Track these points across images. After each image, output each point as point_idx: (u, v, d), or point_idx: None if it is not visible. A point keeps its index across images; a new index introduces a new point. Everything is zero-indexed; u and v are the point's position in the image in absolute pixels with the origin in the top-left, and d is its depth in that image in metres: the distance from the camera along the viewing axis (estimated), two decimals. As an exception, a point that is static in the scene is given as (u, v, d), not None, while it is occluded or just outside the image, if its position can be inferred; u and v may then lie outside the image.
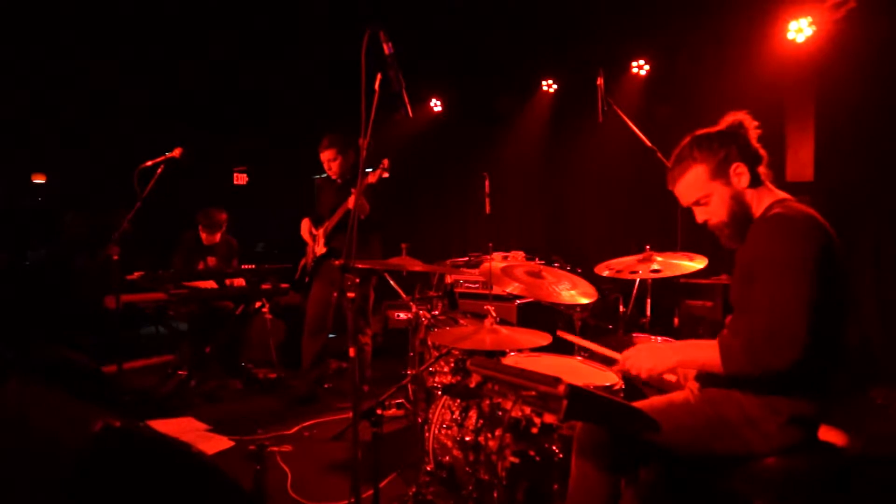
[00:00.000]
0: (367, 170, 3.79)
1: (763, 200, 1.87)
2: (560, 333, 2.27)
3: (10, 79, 6.62)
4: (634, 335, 3.20)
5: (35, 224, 8.21)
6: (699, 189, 1.90)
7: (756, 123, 1.92)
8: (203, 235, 5.13)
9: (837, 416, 1.98)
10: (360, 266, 2.30)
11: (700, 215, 1.95)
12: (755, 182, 1.88)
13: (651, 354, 1.86)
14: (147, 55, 6.54)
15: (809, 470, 1.75)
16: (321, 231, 4.35)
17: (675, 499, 1.88)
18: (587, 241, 6.34)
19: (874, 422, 3.81)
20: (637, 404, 1.83)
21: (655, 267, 3.05)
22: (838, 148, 4.73)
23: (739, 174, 1.86)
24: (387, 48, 2.18)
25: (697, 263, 3.00)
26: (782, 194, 1.90)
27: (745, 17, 5.00)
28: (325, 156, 4.25)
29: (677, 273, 3.03)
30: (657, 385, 2.22)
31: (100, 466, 0.98)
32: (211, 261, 5.14)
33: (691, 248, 3.20)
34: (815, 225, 1.72)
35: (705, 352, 1.75)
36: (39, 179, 8.66)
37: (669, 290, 4.42)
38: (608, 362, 2.31)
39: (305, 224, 4.50)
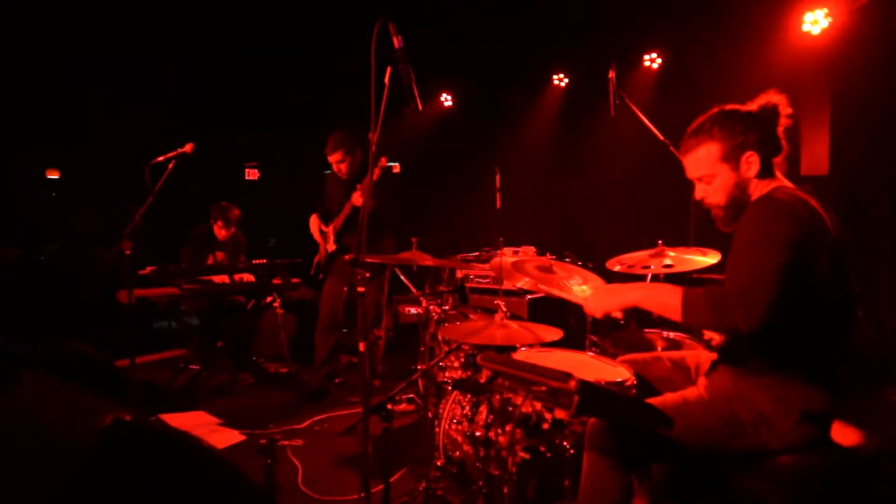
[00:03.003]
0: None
1: (765, 189, 1.84)
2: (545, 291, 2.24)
3: (24, 75, 6.67)
4: (646, 330, 3.18)
5: (49, 219, 8.29)
6: (707, 167, 1.88)
7: (790, 111, 1.87)
8: (217, 230, 5.14)
9: (852, 414, 1.95)
10: (369, 260, 2.30)
11: (699, 191, 1.94)
12: (765, 173, 1.85)
13: (608, 292, 1.86)
14: (158, 51, 6.57)
15: (824, 468, 1.73)
16: (331, 228, 4.36)
17: (687, 496, 1.86)
18: (599, 236, 6.31)
19: (890, 420, 3.77)
20: (651, 401, 1.82)
21: (668, 262, 3.03)
22: (854, 142, 4.67)
23: (750, 163, 1.83)
24: (396, 42, 2.17)
25: (710, 258, 2.98)
26: (786, 182, 1.87)
27: (759, 8, 4.94)
28: (334, 158, 4.23)
29: (690, 268, 3.01)
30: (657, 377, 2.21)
31: (110, 460, 0.98)
32: (220, 256, 5.17)
33: (704, 243, 3.17)
34: (803, 209, 1.69)
35: (668, 296, 1.72)
36: (53, 175, 8.73)
37: (682, 285, 4.39)
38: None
39: (314, 221, 4.49)
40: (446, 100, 7.35)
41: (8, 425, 1.06)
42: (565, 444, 2.26)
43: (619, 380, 2.24)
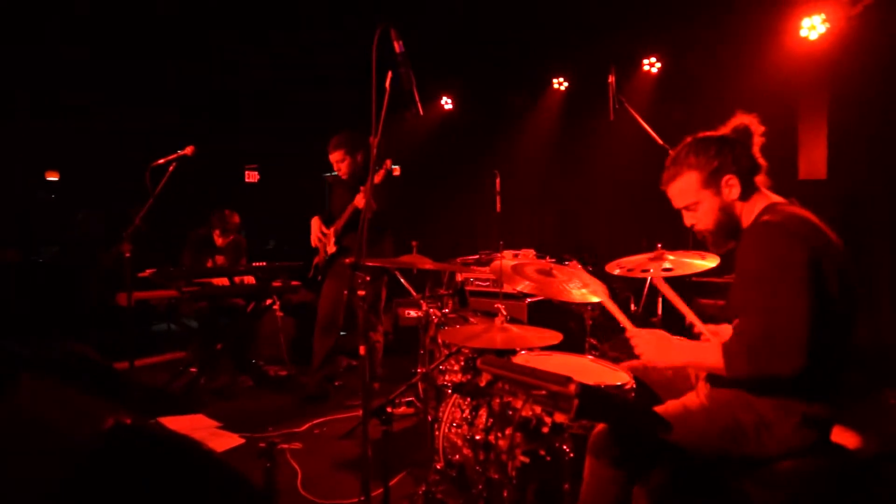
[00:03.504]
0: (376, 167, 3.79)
1: (754, 209, 1.87)
2: (605, 303, 2.26)
3: (23, 77, 6.68)
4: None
5: (48, 221, 8.30)
6: (689, 195, 1.92)
7: (762, 129, 1.91)
8: (216, 237, 5.15)
9: (852, 416, 1.96)
10: (370, 264, 2.30)
11: (688, 219, 1.98)
12: (747, 193, 1.88)
13: (660, 347, 1.87)
14: (159, 53, 6.58)
15: (824, 471, 1.73)
16: (332, 230, 4.36)
17: (688, 501, 1.86)
18: (598, 240, 6.32)
19: (890, 422, 3.77)
20: (653, 409, 1.82)
21: (667, 265, 3.03)
22: (852, 146, 4.68)
23: (731, 186, 1.86)
24: (397, 46, 2.18)
25: (709, 262, 2.98)
26: (775, 198, 1.89)
27: (757, 14, 4.95)
28: (334, 157, 4.25)
29: (689, 272, 3.01)
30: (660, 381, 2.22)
31: (110, 462, 0.98)
32: (220, 259, 5.16)
33: (703, 246, 3.17)
34: (805, 227, 1.71)
35: (711, 356, 1.74)
36: (53, 177, 8.74)
37: (681, 288, 4.39)
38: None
39: (315, 224, 4.49)
40: (447, 103, 7.36)
41: (9, 427, 1.06)
42: (565, 447, 2.26)
43: (618, 383, 2.23)
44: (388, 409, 2.15)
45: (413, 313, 5.61)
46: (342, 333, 4.51)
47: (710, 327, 2.09)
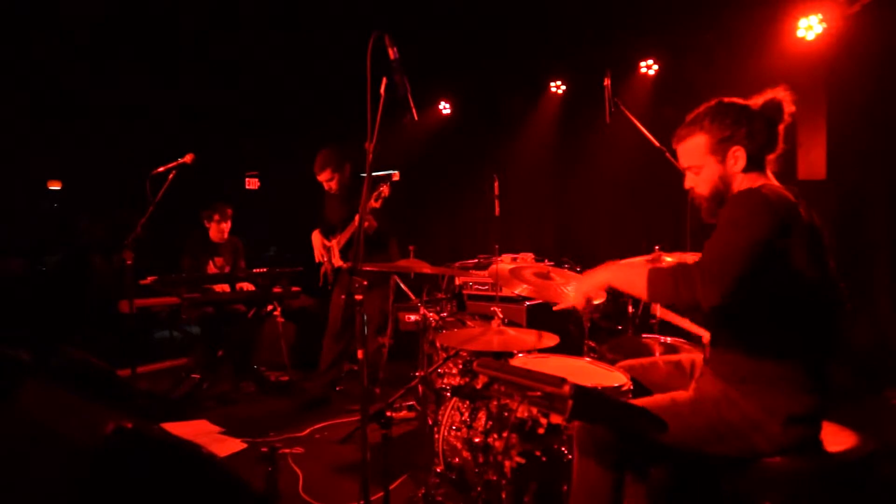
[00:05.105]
0: (378, 173, 3.82)
1: (750, 184, 1.85)
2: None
3: (24, 85, 6.72)
4: (643, 336, 3.20)
5: (51, 230, 8.33)
6: (696, 157, 1.92)
7: (791, 110, 1.89)
8: (213, 231, 5.15)
9: (849, 416, 1.97)
10: (367, 269, 2.32)
11: (688, 181, 1.99)
12: (752, 168, 1.87)
13: (583, 278, 1.95)
14: (159, 61, 6.62)
15: (816, 470, 1.74)
16: (334, 243, 4.39)
17: (681, 499, 1.88)
18: (596, 242, 6.33)
19: (889, 422, 3.78)
20: (640, 402, 1.84)
21: (665, 267, 3.04)
22: (851, 146, 4.69)
23: (736, 157, 1.86)
24: (392, 53, 2.20)
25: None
26: (773, 181, 1.89)
27: (753, 15, 4.97)
28: (323, 177, 4.29)
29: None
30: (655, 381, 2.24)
31: (112, 468, 1.00)
32: (219, 261, 5.18)
33: (700, 247, 3.19)
34: (783, 202, 1.71)
35: (635, 274, 1.78)
36: (55, 186, 8.78)
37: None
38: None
39: (317, 238, 4.50)
40: (445, 108, 7.39)
41: (13, 432, 1.08)
42: (563, 449, 2.28)
43: (615, 384, 2.25)
44: (388, 414, 2.17)
45: (413, 317, 5.62)
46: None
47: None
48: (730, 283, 1.60)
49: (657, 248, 3.17)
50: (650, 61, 5.82)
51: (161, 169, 3.60)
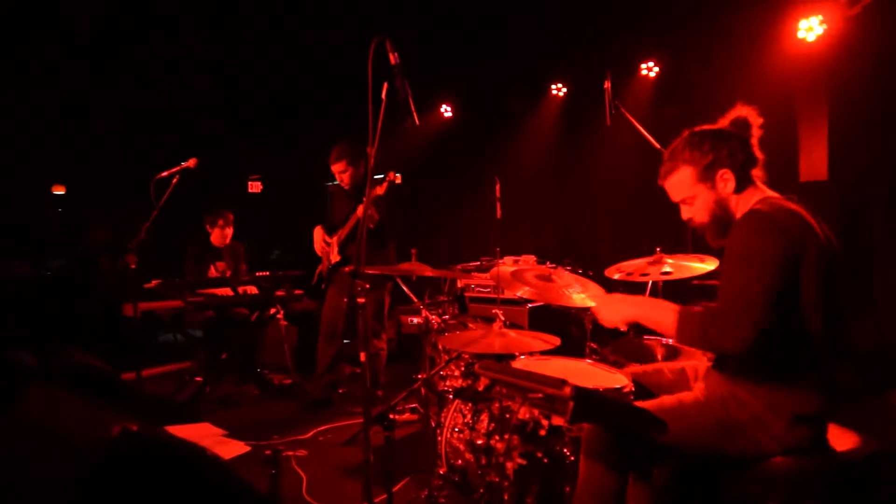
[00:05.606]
0: (378, 176, 3.83)
1: (749, 202, 1.88)
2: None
3: (29, 91, 6.75)
4: (645, 338, 3.20)
5: (56, 234, 8.36)
6: (685, 190, 1.95)
7: (760, 121, 1.93)
8: (215, 236, 5.17)
9: (852, 417, 1.97)
10: (369, 272, 2.34)
11: (685, 213, 2.01)
12: (742, 186, 1.89)
13: (612, 306, 1.96)
14: (164, 65, 6.65)
15: (820, 470, 1.75)
16: (335, 239, 4.40)
17: (685, 499, 1.88)
18: (598, 244, 6.33)
19: (892, 424, 3.77)
20: (647, 404, 1.84)
21: (666, 269, 3.05)
22: (853, 147, 4.68)
23: (725, 180, 1.88)
24: (392, 58, 2.22)
25: (709, 265, 3.00)
26: (770, 192, 1.91)
27: (754, 17, 4.97)
28: (336, 168, 4.30)
29: (688, 275, 3.03)
30: (658, 383, 2.24)
31: (117, 469, 1.01)
32: (220, 265, 5.20)
33: (702, 249, 3.19)
34: (790, 221, 1.73)
35: (664, 314, 1.80)
36: (59, 191, 8.81)
37: (681, 292, 4.41)
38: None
39: (318, 233, 4.53)
40: (446, 111, 7.41)
41: (18, 435, 1.10)
42: (566, 451, 2.29)
43: (617, 386, 2.26)
44: (391, 416, 2.18)
45: (415, 320, 5.64)
46: (346, 342, 4.54)
47: None
48: (753, 332, 1.64)
49: (658, 249, 3.18)
50: (651, 63, 5.82)
51: (165, 173, 3.62)
